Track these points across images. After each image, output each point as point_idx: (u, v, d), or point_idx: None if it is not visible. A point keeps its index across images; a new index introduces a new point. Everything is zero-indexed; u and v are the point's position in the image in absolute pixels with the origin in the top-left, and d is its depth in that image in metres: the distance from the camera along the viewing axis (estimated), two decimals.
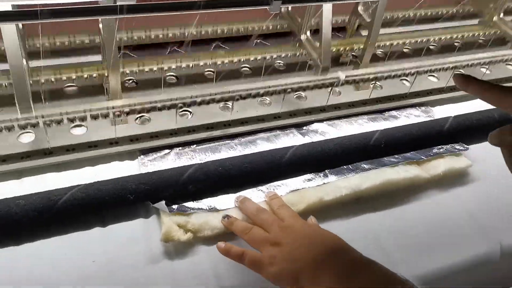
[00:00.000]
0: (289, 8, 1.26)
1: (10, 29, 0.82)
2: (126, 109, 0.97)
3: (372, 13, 1.18)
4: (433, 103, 1.29)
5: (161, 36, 1.18)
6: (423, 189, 1.04)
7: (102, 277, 0.78)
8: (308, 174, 0.99)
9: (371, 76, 1.19)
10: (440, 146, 1.10)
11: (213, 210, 0.89)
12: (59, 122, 0.93)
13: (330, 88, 1.15)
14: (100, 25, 0.93)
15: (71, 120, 0.94)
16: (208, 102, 1.04)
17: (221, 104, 1.09)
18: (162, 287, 0.79)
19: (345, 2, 1.01)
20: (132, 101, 0.98)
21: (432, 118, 1.21)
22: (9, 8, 0.75)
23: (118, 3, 0.77)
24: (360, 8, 1.24)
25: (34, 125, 0.91)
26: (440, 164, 1.06)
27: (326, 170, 1.00)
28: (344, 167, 1.01)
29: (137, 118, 1.03)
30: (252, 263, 0.77)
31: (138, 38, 1.17)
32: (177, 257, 0.83)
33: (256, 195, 0.93)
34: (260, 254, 0.77)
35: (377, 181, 0.99)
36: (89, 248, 0.81)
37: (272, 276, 0.74)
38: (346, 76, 1.15)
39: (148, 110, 1.00)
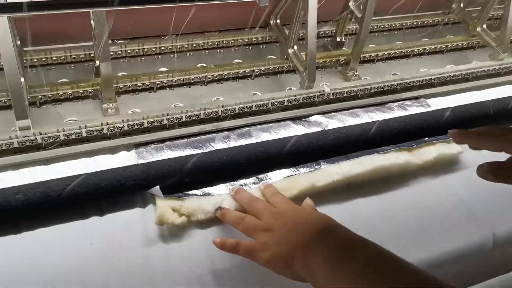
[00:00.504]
0: (278, 21, 1.29)
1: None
2: (120, 125, 1.00)
3: (363, 7, 1.21)
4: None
5: (153, 49, 1.22)
6: (414, 176, 1.07)
7: (98, 258, 0.82)
8: None
9: (356, 89, 1.22)
10: None
11: (207, 195, 0.94)
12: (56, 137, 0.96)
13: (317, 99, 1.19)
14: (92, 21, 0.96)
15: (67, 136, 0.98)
16: (198, 116, 1.07)
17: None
18: (158, 268, 0.82)
19: None
20: (125, 117, 1.00)
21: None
22: None
23: None
24: (351, 3, 1.26)
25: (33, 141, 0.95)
26: (431, 151, 1.09)
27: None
28: None
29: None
30: (246, 252, 0.78)
31: (131, 51, 1.20)
32: (172, 240, 0.87)
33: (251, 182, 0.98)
34: (254, 242, 0.78)
35: (369, 167, 1.01)
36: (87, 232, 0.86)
37: (265, 261, 0.75)
38: (331, 90, 1.18)
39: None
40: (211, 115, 1.07)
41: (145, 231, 0.87)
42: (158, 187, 0.90)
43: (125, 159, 0.99)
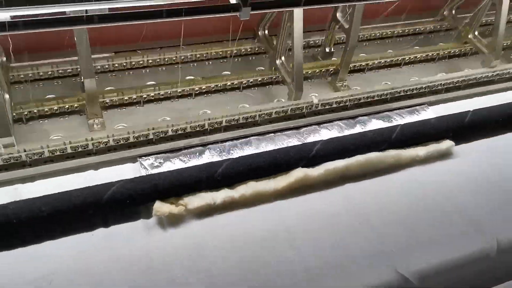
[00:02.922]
0: (266, 32, 1.29)
1: None
2: (105, 140, 1.00)
3: (350, 18, 1.20)
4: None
5: (141, 62, 1.21)
6: (407, 168, 1.10)
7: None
8: None
9: (345, 99, 1.21)
10: None
11: None
12: (40, 154, 0.96)
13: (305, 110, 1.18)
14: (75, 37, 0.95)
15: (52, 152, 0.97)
16: (184, 129, 1.06)
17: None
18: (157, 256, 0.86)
19: (316, 7, 1.02)
20: (110, 132, 1.00)
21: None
22: None
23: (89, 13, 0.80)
24: (338, 14, 1.26)
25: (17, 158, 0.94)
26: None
27: None
28: None
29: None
30: None
31: (119, 65, 1.20)
32: (171, 229, 0.91)
33: None
34: None
35: (362, 158, 1.06)
36: None
37: None
38: (319, 100, 1.17)
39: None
40: (198, 129, 1.06)
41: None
42: None
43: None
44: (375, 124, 1.21)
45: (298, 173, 1.00)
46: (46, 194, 0.89)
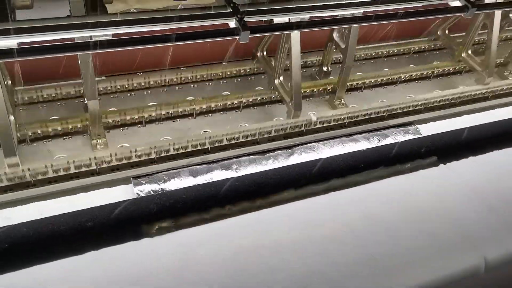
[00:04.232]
0: (264, 53, 1.31)
1: None
2: (108, 159, 1.01)
3: (346, 38, 1.23)
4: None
5: (143, 83, 1.24)
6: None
7: None
8: None
9: (343, 117, 1.23)
10: None
11: None
12: (44, 173, 0.97)
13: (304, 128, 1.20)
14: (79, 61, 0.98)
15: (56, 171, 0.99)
16: (186, 148, 1.08)
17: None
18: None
19: (312, 30, 1.05)
20: (113, 151, 1.01)
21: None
22: None
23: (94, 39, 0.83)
24: (335, 34, 1.28)
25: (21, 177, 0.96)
26: None
27: None
28: None
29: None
30: None
31: (121, 86, 1.22)
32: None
33: None
34: None
35: None
36: None
37: None
38: (318, 118, 1.20)
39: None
40: (199, 147, 1.08)
41: None
42: None
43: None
44: (372, 142, 1.23)
45: None
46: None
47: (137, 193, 0.99)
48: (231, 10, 0.91)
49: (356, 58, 1.43)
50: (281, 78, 1.25)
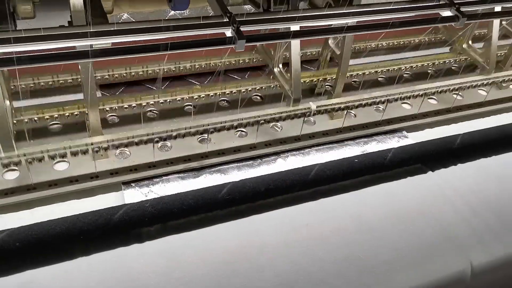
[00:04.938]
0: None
1: None
2: (105, 145, 1.04)
3: (341, 45, 1.23)
4: (408, 129, 1.34)
5: (141, 73, 1.24)
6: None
7: None
8: None
9: (342, 106, 1.25)
10: None
11: None
12: (40, 159, 1.00)
13: (303, 118, 1.21)
14: (79, 66, 0.99)
15: (52, 158, 1.01)
16: (184, 136, 1.11)
17: (199, 137, 1.15)
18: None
19: (308, 38, 1.06)
20: (110, 137, 1.04)
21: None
22: None
23: (93, 47, 0.84)
24: (330, 41, 1.29)
25: (17, 163, 0.99)
26: None
27: None
28: None
29: (117, 153, 1.09)
30: None
31: (119, 75, 1.23)
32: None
33: None
34: None
35: None
36: None
37: None
38: (317, 106, 1.21)
39: (127, 145, 1.08)
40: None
41: None
42: None
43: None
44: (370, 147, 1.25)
45: None
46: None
47: (127, 199, 1.01)
48: (227, 20, 0.92)
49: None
50: (280, 66, 1.26)
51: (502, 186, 1.18)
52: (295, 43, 1.14)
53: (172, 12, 1.22)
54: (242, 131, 1.19)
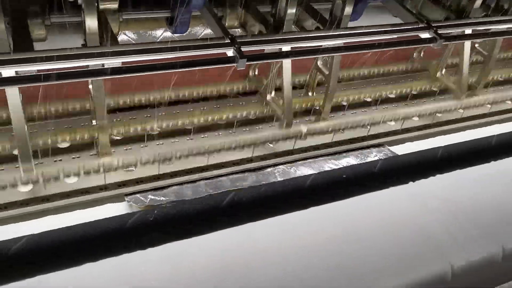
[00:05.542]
0: (256, 72, 1.43)
1: (13, 95, 0.97)
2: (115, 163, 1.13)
3: (329, 66, 1.35)
4: (391, 143, 1.45)
5: (143, 100, 1.34)
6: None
7: None
8: None
9: (330, 128, 1.36)
10: None
11: None
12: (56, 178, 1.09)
13: (294, 139, 1.32)
14: (90, 86, 1.09)
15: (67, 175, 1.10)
16: (187, 156, 1.20)
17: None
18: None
19: (304, 58, 1.18)
20: (118, 159, 1.14)
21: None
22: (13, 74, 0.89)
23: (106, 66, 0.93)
24: (319, 63, 1.40)
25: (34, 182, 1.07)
26: None
27: None
28: None
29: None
30: None
31: (123, 102, 1.33)
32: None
33: None
34: None
35: None
36: None
37: None
38: (307, 129, 1.32)
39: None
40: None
41: None
42: None
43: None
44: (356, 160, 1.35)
45: None
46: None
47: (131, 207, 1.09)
48: (229, 41, 1.02)
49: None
50: (273, 93, 1.38)
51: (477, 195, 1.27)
52: (287, 71, 1.26)
53: (165, 34, 1.31)
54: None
